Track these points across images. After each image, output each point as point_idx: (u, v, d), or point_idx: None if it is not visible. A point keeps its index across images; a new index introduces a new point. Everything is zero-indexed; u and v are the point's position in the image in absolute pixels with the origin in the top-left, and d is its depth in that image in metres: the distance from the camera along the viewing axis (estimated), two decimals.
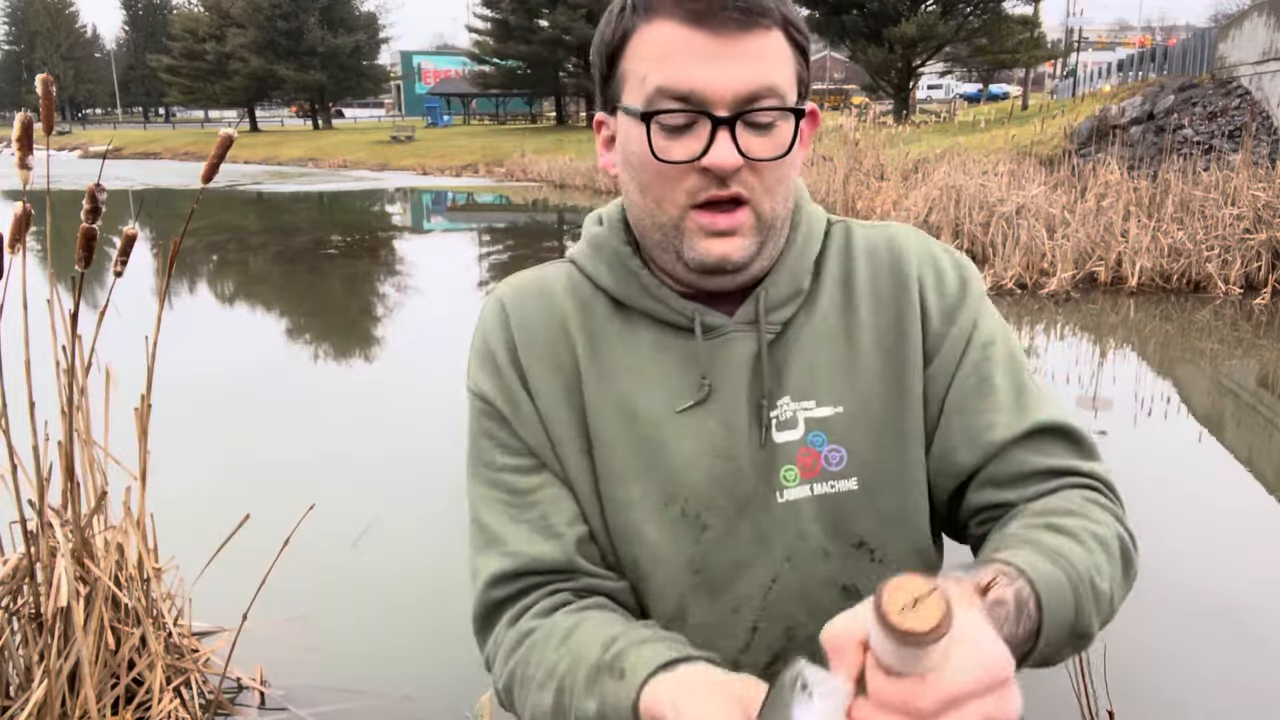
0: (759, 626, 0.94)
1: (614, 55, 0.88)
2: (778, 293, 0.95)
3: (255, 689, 2.89)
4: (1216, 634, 3.28)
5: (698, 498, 0.93)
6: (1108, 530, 0.85)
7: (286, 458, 5.13)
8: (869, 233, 1.02)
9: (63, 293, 2.47)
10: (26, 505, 2.41)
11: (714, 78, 0.83)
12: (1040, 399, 0.96)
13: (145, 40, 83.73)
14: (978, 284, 1.00)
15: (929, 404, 0.96)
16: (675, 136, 0.85)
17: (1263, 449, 5.46)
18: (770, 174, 0.88)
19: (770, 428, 0.93)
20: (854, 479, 0.93)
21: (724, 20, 0.82)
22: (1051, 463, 0.91)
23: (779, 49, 0.86)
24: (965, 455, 0.93)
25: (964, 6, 30.19)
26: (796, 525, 0.92)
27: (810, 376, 0.94)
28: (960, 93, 48.42)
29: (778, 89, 0.85)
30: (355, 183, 27.52)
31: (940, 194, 11.05)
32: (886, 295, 0.97)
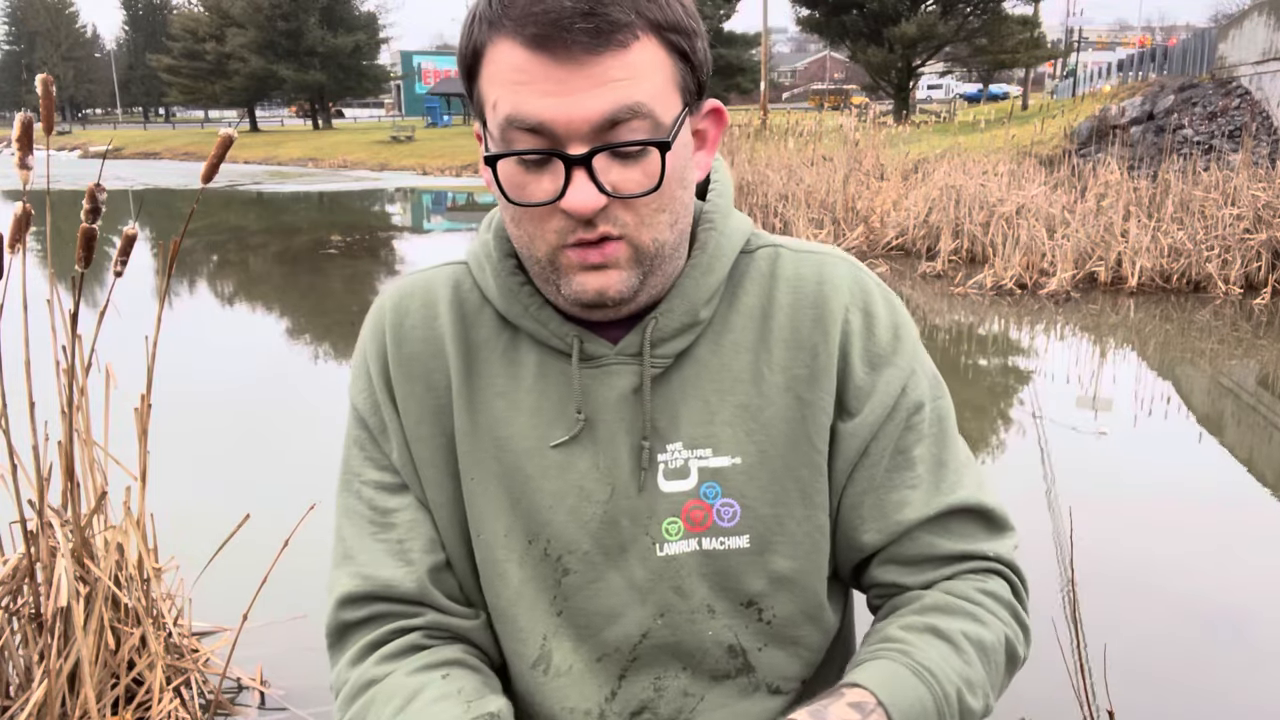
0: (626, 676, 0.89)
1: (471, 71, 0.79)
2: (669, 322, 0.86)
3: (255, 689, 2.89)
4: (1216, 634, 3.28)
5: (559, 540, 0.87)
6: (993, 634, 0.86)
7: (286, 458, 5.13)
8: (799, 261, 0.91)
9: (63, 293, 2.47)
10: (26, 505, 2.41)
11: (563, 108, 0.73)
12: (958, 474, 0.90)
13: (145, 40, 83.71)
14: (911, 333, 0.92)
15: (838, 463, 0.89)
16: (532, 172, 0.77)
17: (1263, 449, 5.46)
18: (645, 205, 0.78)
19: (653, 473, 0.86)
20: (746, 536, 0.86)
21: (569, 43, 0.72)
22: (957, 547, 0.89)
23: (647, 61, 0.75)
24: (872, 533, 0.89)
25: (964, 6, 30.19)
26: (676, 581, 0.86)
27: (708, 422, 0.86)
28: (960, 93, 48.42)
29: (643, 108, 0.74)
30: (355, 183, 27.52)
31: (940, 194, 11.05)
32: (805, 336, 0.88)
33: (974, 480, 0.91)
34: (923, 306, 9.00)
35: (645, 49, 0.75)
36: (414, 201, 23.58)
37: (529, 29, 0.73)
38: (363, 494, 0.93)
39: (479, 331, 0.90)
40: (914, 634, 0.83)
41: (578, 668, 0.89)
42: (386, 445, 0.92)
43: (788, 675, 0.92)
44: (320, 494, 2.92)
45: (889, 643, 0.83)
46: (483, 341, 0.90)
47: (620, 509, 0.86)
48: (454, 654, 0.88)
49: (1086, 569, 2.50)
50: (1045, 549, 3.42)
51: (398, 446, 0.91)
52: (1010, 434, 5.54)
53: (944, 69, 41.24)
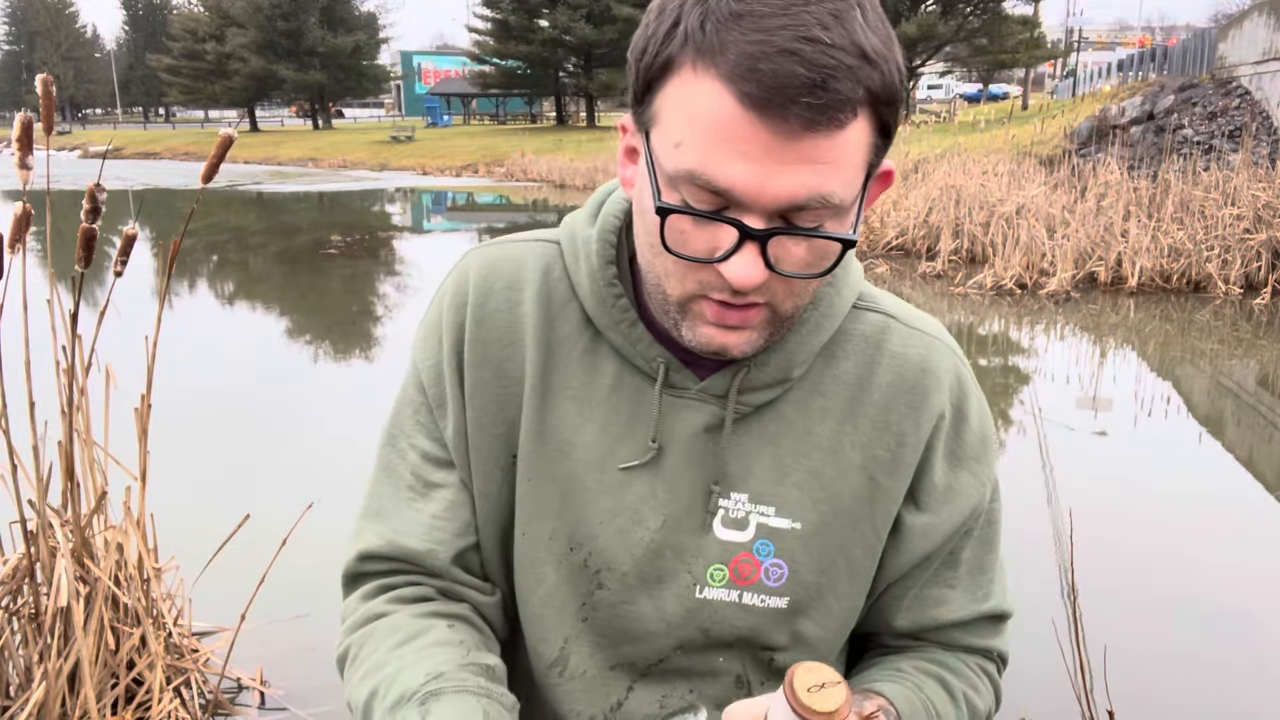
0: (634, 688, 0.90)
1: (651, 78, 0.71)
2: (761, 374, 0.83)
3: (255, 689, 2.89)
4: (1215, 634, 3.28)
5: (601, 555, 0.86)
6: (982, 699, 0.93)
7: (286, 457, 5.13)
8: (907, 340, 0.87)
9: (63, 293, 2.47)
10: (26, 505, 2.41)
11: (757, 180, 0.66)
12: (995, 581, 0.94)
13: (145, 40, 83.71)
14: (993, 441, 0.92)
15: (899, 553, 0.89)
16: (700, 223, 0.71)
17: (1263, 449, 5.46)
18: (802, 284, 0.75)
19: (712, 517, 0.85)
20: (786, 599, 0.86)
21: (789, 115, 0.64)
22: (973, 642, 0.94)
23: (853, 144, 0.68)
24: (905, 621, 0.92)
25: (964, 6, 30.20)
26: (705, 624, 0.87)
27: (778, 481, 0.84)
28: (960, 93, 48.42)
29: (833, 198, 0.68)
30: (355, 183, 27.52)
31: (940, 194, 11.05)
32: (895, 422, 0.86)
33: (1002, 587, 0.95)
34: (923, 307, 8.95)
35: (856, 129, 0.67)
36: (414, 201, 23.58)
37: (748, 85, 0.64)
38: (408, 456, 0.91)
39: (562, 327, 0.86)
40: (924, 677, 0.89)
41: (591, 674, 0.90)
42: (443, 421, 0.89)
43: None
44: (319, 494, 2.93)
45: (901, 673, 0.89)
46: (564, 338, 0.86)
47: (667, 541, 0.86)
48: (462, 610, 0.89)
49: (1086, 569, 2.50)
50: (1045, 549, 3.42)
51: (455, 426, 0.88)
52: (1010, 434, 5.53)
53: (944, 69, 41.24)
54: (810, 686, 0.64)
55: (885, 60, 0.67)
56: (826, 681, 0.64)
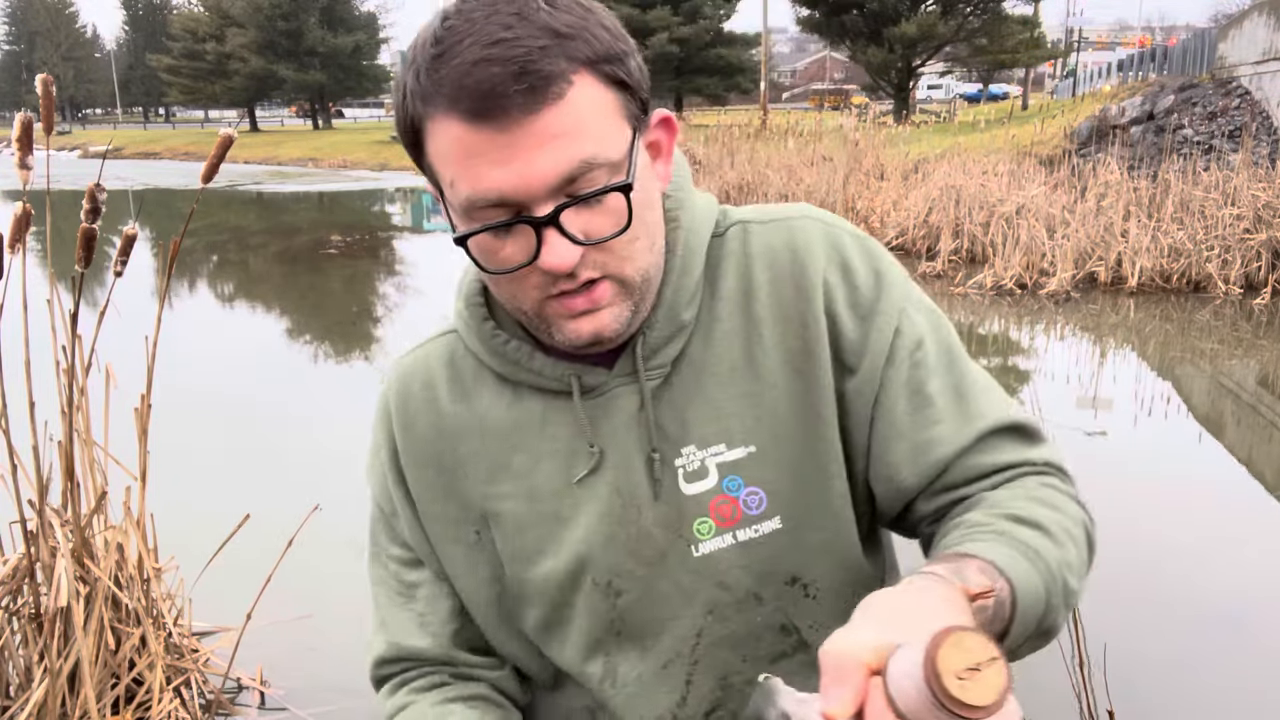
0: (692, 679, 0.91)
1: (415, 144, 0.78)
2: (656, 333, 0.86)
3: (255, 689, 2.89)
4: (1216, 634, 3.28)
5: (603, 567, 0.89)
6: (1074, 521, 0.83)
7: (286, 458, 5.13)
8: (768, 233, 0.90)
9: (63, 293, 2.47)
10: (26, 505, 2.41)
11: (518, 175, 0.72)
12: (981, 398, 0.89)
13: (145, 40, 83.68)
14: (894, 274, 0.90)
15: (853, 421, 0.88)
16: (502, 236, 0.77)
17: (1263, 449, 5.46)
18: (619, 243, 0.78)
19: (673, 479, 0.87)
20: (776, 518, 0.87)
21: (506, 109, 0.70)
22: (1003, 459, 0.87)
23: (588, 104, 0.73)
24: (910, 477, 0.87)
25: (964, 6, 30.19)
26: (717, 576, 0.88)
27: (716, 419, 0.87)
28: (960, 93, 48.42)
29: (596, 158, 0.73)
30: (355, 183, 27.52)
31: (940, 194, 11.05)
32: (791, 310, 0.87)
33: (998, 401, 0.90)
34: None
35: (583, 91, 0.73)
36: (414, 201, 23.57)
37: (464, 103, 0.71)
38: (389, 566, 0.99)
39: (482, 396, 0.92)
40: (1002, 521, 0.79)
41: (645, 675, 0.91)
42: (399, 526, 0.97)
43: None
44: (319, 494, 2.93)
45: (979, 528, 0.79)
46: (487, 406, 0.92)
47: (649, 521, 0.88)
48: (479, 690, 0.96)
49: None
50: None
51: (409, 528, 0.96)
52: None
53: (944, 69, 41.24)
54: (962, 670, 0.47)
55: (581, 29, 0.73)
56: (980, 662, 0.48)
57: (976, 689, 0.47)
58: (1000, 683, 0.48)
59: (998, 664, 0.48)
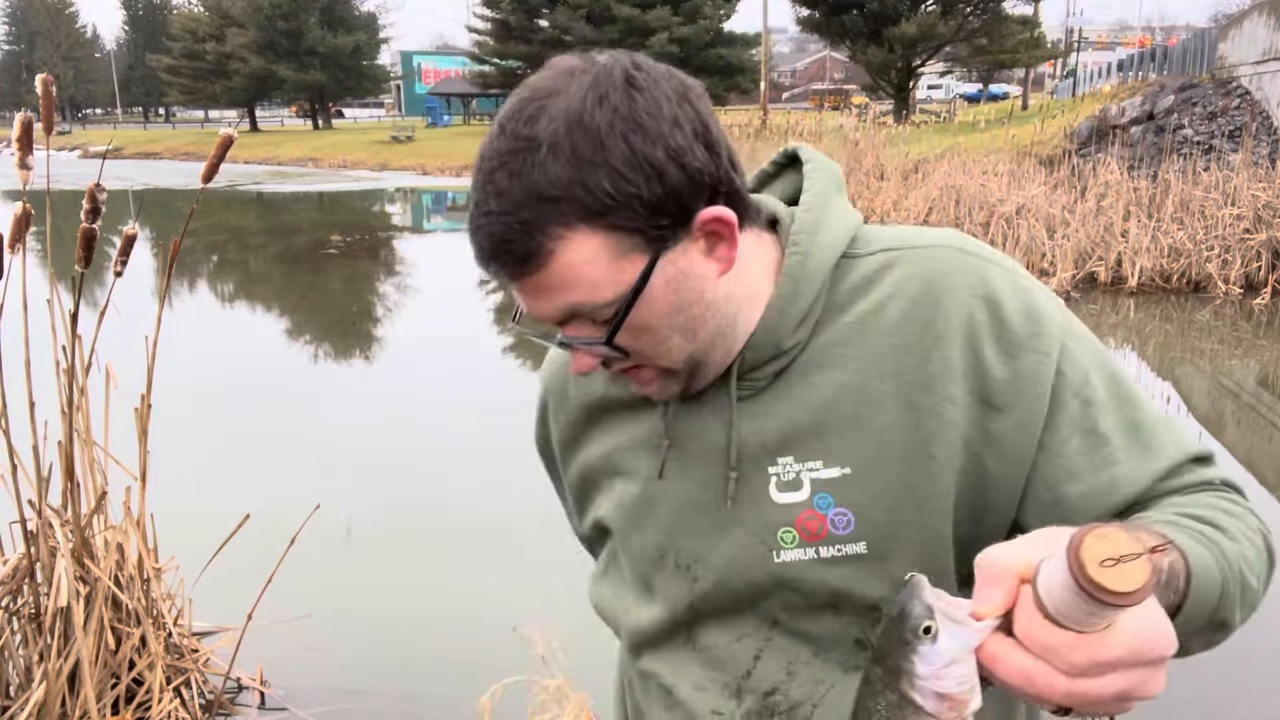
0: (761, 656, 0.93)
1: None
2: (755, 356, 0.89)
3: (255, 689, 2.89)
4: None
5: (685, 551, 0.93)
6: (1251, 529, 0.82)
7: (286, 458, 5.13)
8: (907, 260, 0.89)
9: (63, 293, 2.47)
10: (26, 505, 2.41)
11: (530, 308, 0.84)
12: (1159, 433, 0.86)
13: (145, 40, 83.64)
14: (1048, 307, 0.88)
15: (1003, 463, 0.85)
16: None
17: (1263, 449, 5.46)
18: (644, 345, 0.84)
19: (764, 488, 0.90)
20: (862, 543, 0.87)
21: (498, 273, 0.81)
22: (1183, 483, 0.85)
23: (575, 259, 0.78)
24: (1088, 518, 0.83)
25: (964, 6, 30.19)
26: (795, 585, 0.89)
27: (818, 435, 0.88)
28: (960, 93, 48.42)
29: (582, 307, 0.81)
30: (355, 183, 27.52)
31: (940, 194, 11.06)
32: (915, 342, 0.86)
33: (1175, 433, 0.87)
34: None
35: (570, 248, 0.78)
36: (414, 201, 23.59)
37: (479, 259, 0.82)
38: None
39: (592, 382, 1.01)
40: (1172, 514, 0.78)
41: (720, 644, 0.94)
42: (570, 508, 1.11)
43: None
44: (319, 494, 2.93)
45: (1152, 520, 0.76)
46: (592, 388, 1.01)
47: (731, 520, 0.90)
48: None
49: None
50: None
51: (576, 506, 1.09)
52: None
53: (944, 69, 41.23)
54: (1104, 559, 0.50)
55: (575, 184, 0.76)
56: (1123, 554, 0.50)
57: (1117, 577, 0.50)
58: (1142, 575, 0.50)
59: (1143, 560, 0.50)
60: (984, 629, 0.57)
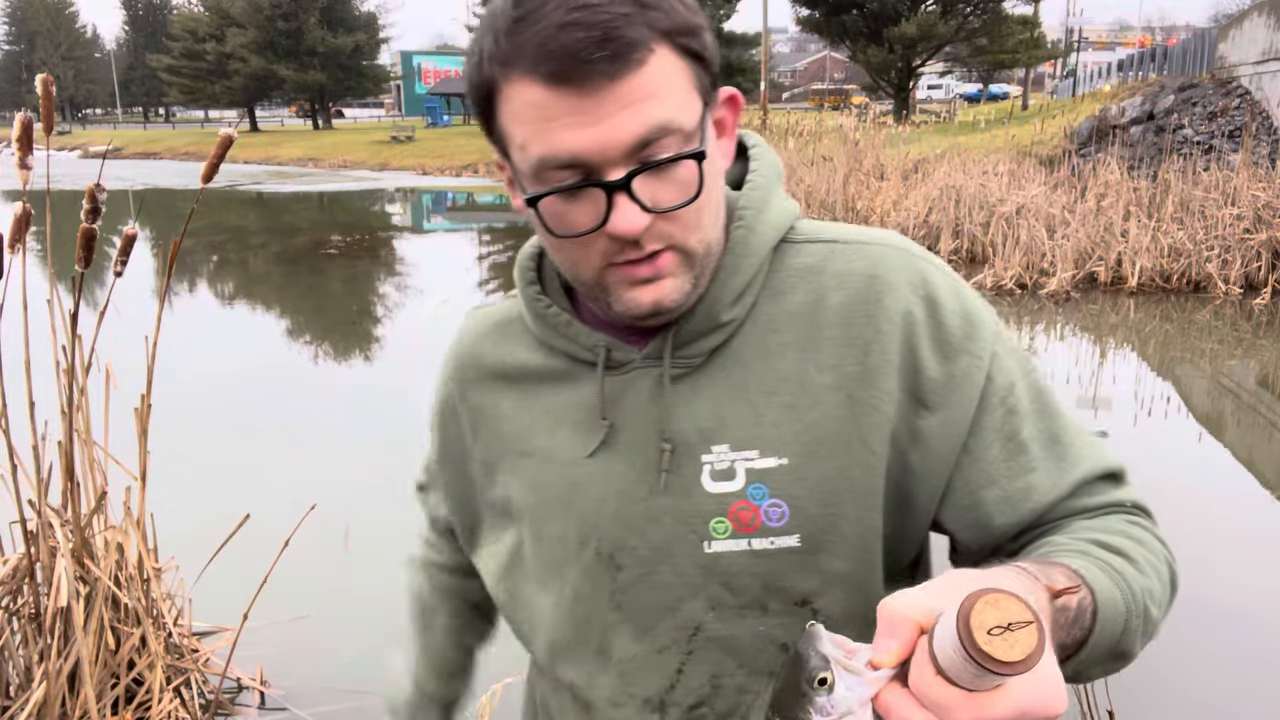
0: (684, 669, 0.90)
1: (487, 107, 0.79)
2: (692, 326, 0.86)
3: (255, 689, 2.89)
4: (1216, 634, 3.28)
5: (609, 539, 0.89)
6: (1156, 556, 0.84)
7: (286, 458, 5.13)
8: (850, 254, 0.89)
9: (63, 293, 2.47)
10: (26, 505, 2.41)
11: (594, 139, 0.73)
12: (1076, 445, 0.88)
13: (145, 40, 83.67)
14: (984, 313, 0.89)
15: (928, 460, 0.86)
16: (571, 201, 0.77)
17: (1263, 449, 5.46)
18: (688, 214, 0.79)
19: (696, 474, 0.87)
20: (795, 535, 0.86)
21: (588, 73, 0.71)
22: (1096, 502, 0.88)
23: (665, 72, 0.74)
24: (1004, 524, 0.87)
25: (964, 6, 30.20)
26: (725, 578, 0.87)
27: (754, 423, 0.86)
28: (960, 93, 48.42)
29: (671, 124, 0.75)
30: (355, 183, 27.52)
31: (940, 194, 11.06)
32: (856, 335, 0.86)
33: (1091, 446, 0.90)
34: None
35: (661, 61, 0.74)
36: (414, 201, 23.58)
37: (546, 66, 0.72)
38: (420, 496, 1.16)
39: (517, 355, 0.96)
40: (1082, 543, 0.80)
41: (639, 656, 0.91)
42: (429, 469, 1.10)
43: None
44: (320, 494, 2.93)
45: (1061, 546, 0.79)
46: (522, 362, 0.95)
47: (661, 507, 0.87)
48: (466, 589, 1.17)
49: None
50: None
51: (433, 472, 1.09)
52: None
53: (944, 69, 41.25)
54: (993, 627, 0.49)
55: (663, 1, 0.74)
56: (1013, 621, 0.49)
57: (1005, 646, 0.49)
58: (1030, 644, 0.49)
59: (1031, 628, 0.49)
60: (879, 679, 0.56)
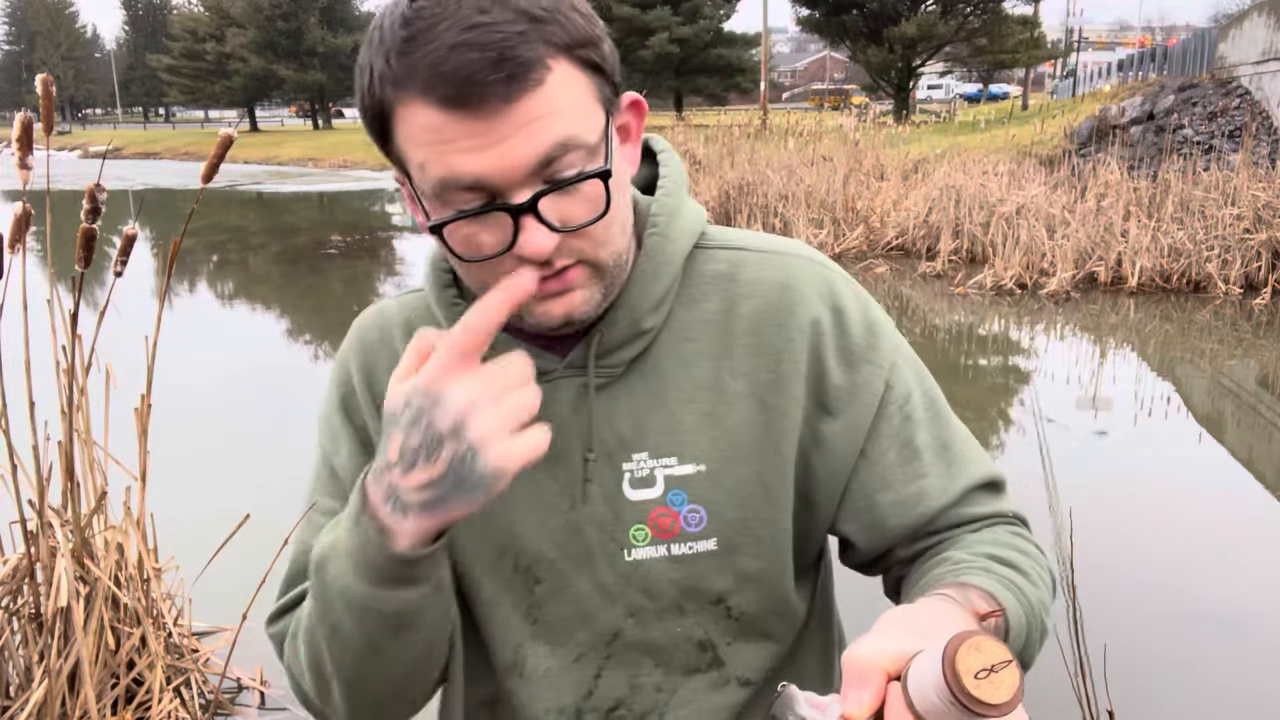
0: (601, 675, 0.91)
1: (382, 126, 0.76)
2: (614, 334, 0.85)
3: (255, 689, 2.89)
4: (1216, 633, 3.28)
5: (527, 551, 0.89)
6: (1041, 566, 0.90)
7: (286, 458, 5.13)
8: (760, 264, 0.90)
9: (63, 293, 2.47)
10: (26, 505, 2.41)
11: (494, 160, 0.70)
12: (965, 453, 0.92)
13: (145, 40, 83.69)
14: (885, 326, 0.92)
15: (828, 464, 0.89)
16: (477, 224, 0.75)
17: (1263, 449, 5.46)
18: (596, 230, 0.77)
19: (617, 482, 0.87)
20: (713, 539, 0.88)
21: (484, 96, 0.69)
22: (982, 511, 0.92)
23: (564, 88, 0.72)
24: (896, 526, 0.90)
25: (964, 6, 30.21)
26: (644, 584, 0.88)
27: (672, 430, 0.87)
28: (960, 93, 48.43)
29: (573, 140, 0.72)
30: (355, 183, 27.50)
31: (940, 194, 11.05)
32: (768, 343, 0.88)
33: (978, 455, 0.94)
34: (922, 306, 9.00)
35: (560, 76, 0.71)
36: None
37: (439, 90, 0.69)
38: (314, 520, 0.96)
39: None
40: (981, 559, 0.84)
41: (554, 669, 0.91)
42: (338, 463, 0.94)
43: (756, 666, 0.94)
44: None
45: (963, 564, 0.83)
46: None
47: (583, 517, 0.88)
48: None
49: (1086, 569, 2.50)
50: (1045, 548, 3.42)
51: (349, 462, 0.93)
52: (1010, 434, 5.54)
53: (944, 69, 41.25)
54: (979, 670, 0.51)
55: (556, 12, 0.72)
56: (995, 664, 0.52)
57: (992, 688, 0.51)
58: (1014, 683, 0.52)
59: (1011, 666, 0.52)
60: None
